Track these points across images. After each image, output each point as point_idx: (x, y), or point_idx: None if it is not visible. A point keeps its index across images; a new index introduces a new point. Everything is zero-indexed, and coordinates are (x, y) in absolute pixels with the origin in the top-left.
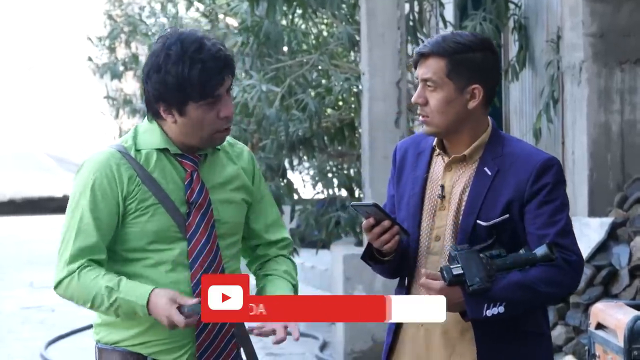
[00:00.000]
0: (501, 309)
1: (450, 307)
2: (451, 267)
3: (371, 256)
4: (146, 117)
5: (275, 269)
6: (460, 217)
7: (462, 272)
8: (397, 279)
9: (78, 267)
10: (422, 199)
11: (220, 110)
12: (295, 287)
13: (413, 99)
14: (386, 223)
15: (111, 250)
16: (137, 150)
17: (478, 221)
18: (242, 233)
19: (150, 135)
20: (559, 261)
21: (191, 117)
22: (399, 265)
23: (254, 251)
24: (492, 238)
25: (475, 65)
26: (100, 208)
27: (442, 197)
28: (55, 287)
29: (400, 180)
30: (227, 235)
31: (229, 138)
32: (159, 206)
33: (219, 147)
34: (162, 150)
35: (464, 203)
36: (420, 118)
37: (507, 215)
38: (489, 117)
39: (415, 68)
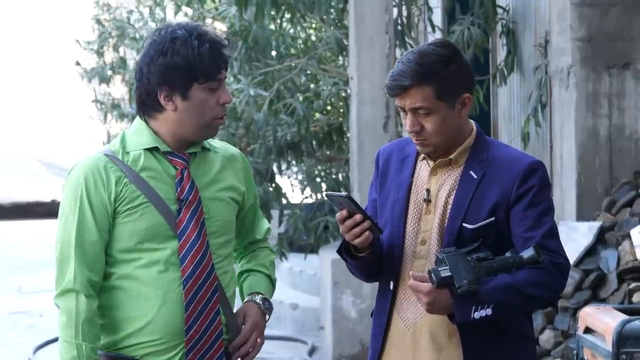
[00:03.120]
0: (489, 311)
1: (438, 310)
2: (439, 269)
3: (347, 251)
4: (136, 118)
5: (255, 264)
6: (446, 221)
7: (450, 274)
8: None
9: (77, 303)
10: (407, 203)
11: (220, 96)
12: (270, 278)
13: (409, 129)
14: (358, 217)
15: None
16: (126, 153)
17: (464, 224)
18: (234, 234)
19: (138, 136)
20: (546, 264)
21: (194, 101)
22: (373, 266)
23: (241, 245)
24: (478, 241)
25: (458, 76)
26: (93, 215)
27: (428, 201)
28: (57, 297)
29: (383, 185)
30: (219, 233)
31: (221, 141)
32: (149, 204)
33: (208, 147)
34: (151, 151)
35: (449, 207)
36: (416, 142)
37: (493, 218)
38: (472, 121)
39: (391, 96)
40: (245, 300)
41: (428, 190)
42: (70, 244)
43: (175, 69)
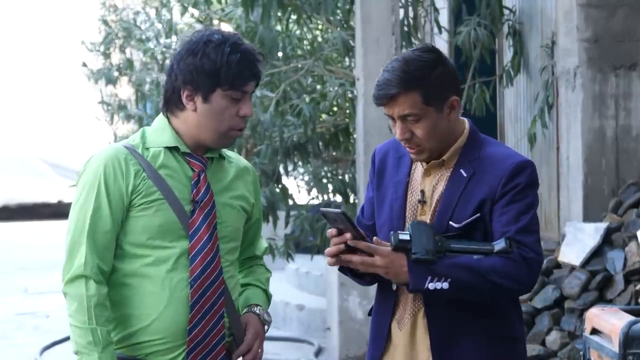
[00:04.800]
0: (445, 285)
1: (393, 275)
2: (399, 232)
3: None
4: (159, 115)
5: (252, 278)
6: (435, 219)
7: (408, 239)
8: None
9: (87, 288)
10: (404, 204)
11: (241, 108)
12: (267, 293)
13: (399, 137)
14: (347, 235)
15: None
16: (145, 149)
17: (451, 222)
18: (240, 241)
19: (160, 134)
20: (515, 255)
21: (214, 106)
22: (375, 278)
23: (239, 260)
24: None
25: (444, 80)
26: (109, 204)
27: (423, 202)
28: (66, 284)
29: (381, 184)
30: (228, 239)
31: (234, 153)
32: (164, 202)
33: (224, 155)
34: (171, 150)
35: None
36: (409, 150)
37: (478, 215)
38: (467, 120)
39: (379, 105)
40: (244, 312)
41: (422, 192)
42: (84, 230)
43: (201, 71)
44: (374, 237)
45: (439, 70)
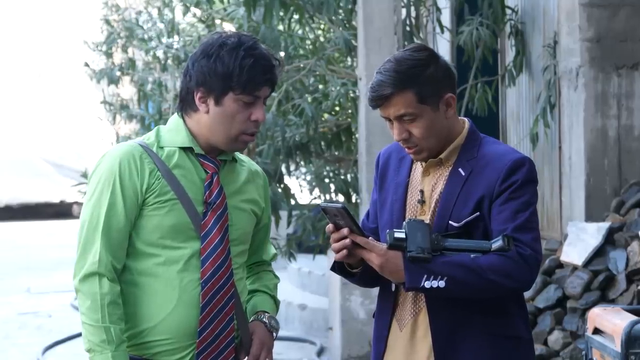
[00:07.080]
0: (442, 284)
1: (389, 273)
2: (395, 231)
3: (341, 267)
4: (173, 115)
5: (260, 285)
6: (434, 219)
7: (404, 237)
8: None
9: (100, 285)
10: (404, 204)
11: (253, 112)
12: (275, 300)
13: (397, 137)
14: (344, 231)
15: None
16: (160, 147)
17: (450, 222)
18: (249, 245)
19: (174, 133)
20: (512, 253)
21: (226, 109)
22: (371, 279)
23: (247, 265)
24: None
25: (438, 77)
26: (124, 201)
27: (422, 202)
28: (80, 281)
29: (383, 186)
30: (238, 242)
31: (246, 157)
32: (177, 202)
33: (236, 158)
34: (185, 150)
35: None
36: (408, 151)
37: (478, 213)
38: (467, 119)
39: (374, 108)
40: (251, 320)
41: (422, 192)
42: (98, 227)
43: (214, 74)
44: (369, 237)
45: (431, 68)
